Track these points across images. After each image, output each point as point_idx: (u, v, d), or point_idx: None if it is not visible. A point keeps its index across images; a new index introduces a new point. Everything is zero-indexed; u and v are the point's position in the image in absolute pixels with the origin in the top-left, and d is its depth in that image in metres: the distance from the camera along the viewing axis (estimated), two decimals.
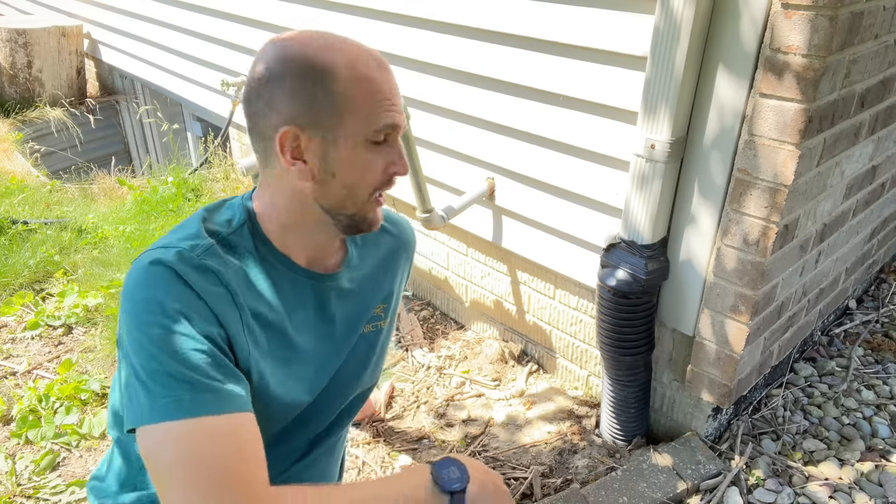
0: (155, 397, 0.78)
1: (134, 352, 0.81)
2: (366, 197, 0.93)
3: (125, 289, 0.84)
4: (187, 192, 3.75)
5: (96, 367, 2.33)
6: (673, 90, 1.44)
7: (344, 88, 0.87)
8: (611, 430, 1.92)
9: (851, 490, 1.67)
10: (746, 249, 1.51)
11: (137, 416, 0.78)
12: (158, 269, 0.83)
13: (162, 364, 0.79)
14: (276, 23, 2.84)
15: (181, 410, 0.77)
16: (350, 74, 0.87)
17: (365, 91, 0.88)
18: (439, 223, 2.08)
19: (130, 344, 0.81)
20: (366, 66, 0.88)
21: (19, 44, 4.74)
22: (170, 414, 0.77)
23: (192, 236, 0.90)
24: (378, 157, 0.91)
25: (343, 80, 0.87)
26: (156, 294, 0.82)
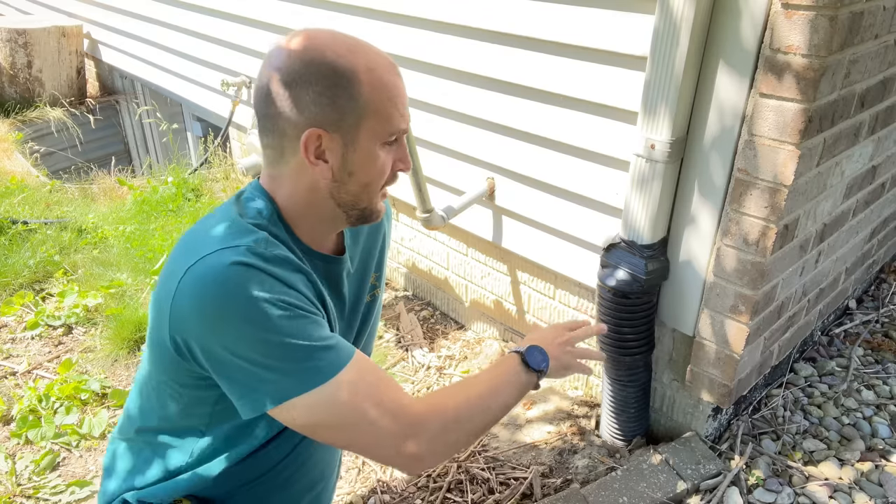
0: (302, 371, 0.88)
1: (250, 347, 0.88)
2: (377, 192, 1.01)
3: (206, 297, 0.88)
4: (187, 192, 3.75)
5: (96, 367, 2.33)
6: (673, 90, 1.44)
7: (365, 94, 0.93)
8: (611, 430, 1.92)
9: (851, 490, 1.67)
10: (746, 249, 1.51)
11: (282, 393, 0.88)
12: (242, 269, 0.88)
13: (291, 345, 0.88)
14: (276, 23, 2.84)
15: (333, 367, 0.90)
16: (370, 80, 0.93)
17: (384, 97, 0.94)
18: (439, 223, 2.08)
19: (242, 342, 0.88)
20: (385, 72, 0.95)
21: (19, 44, 4.74)
22: (325, 374, 0.89)
23: (244, 231, 0.95)
24: (388, 157, 0.99)
25: (364, 85, 0.92)
26: (251, 291, 0.87)
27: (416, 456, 0.93)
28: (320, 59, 0.91)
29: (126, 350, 2.40)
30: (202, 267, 0.88)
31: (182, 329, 0.91)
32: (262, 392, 0.89)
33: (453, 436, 0.97)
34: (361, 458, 1.93)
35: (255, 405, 0.90)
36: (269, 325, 0.87)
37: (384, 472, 1.88)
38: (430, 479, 1.83)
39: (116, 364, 2.35)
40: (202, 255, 0.90)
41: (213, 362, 0.91)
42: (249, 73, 3.25)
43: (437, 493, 1.78)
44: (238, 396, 0.92)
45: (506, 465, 1.87)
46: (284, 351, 0.88)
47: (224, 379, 0.92)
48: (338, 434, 0.93)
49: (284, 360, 0.88)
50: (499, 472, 1.84)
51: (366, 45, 0.95)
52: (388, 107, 0.94)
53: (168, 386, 1.02)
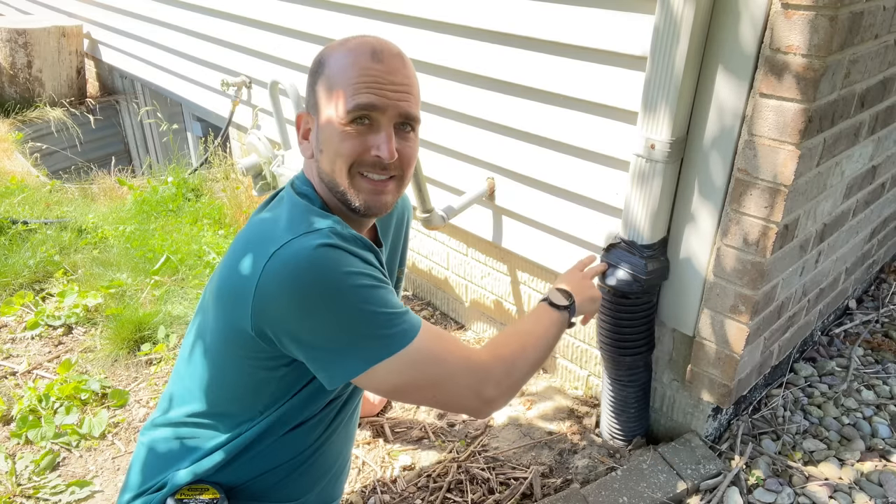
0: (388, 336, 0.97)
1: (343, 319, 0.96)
2: (346, 172, 1.04)
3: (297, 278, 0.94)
4: (187, 192, 3.76)
5: (96, 367, 2.33)
6: (673, 90, 1.44)
7: (329, 74, 1.02)
8: (611, 429, 1.92)
9: (851, 490, 1.67)
10: (746, 249, 1.51)
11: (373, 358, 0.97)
12: (329, 251, 0.96)
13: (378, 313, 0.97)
14: (276, 23, 2.84)
15: (413, 330, 1.00)
16: (337, 63, 1.02)
17: (346, 76, 1.01)
18: (439, 223, 2.08)
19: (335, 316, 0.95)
20: (355, 56, 1.02)
21: (19, 44, 4.74)
22: (408, 338, 0.99)
23: (319, 215, 1.04)
24: (357, 138, 1.03)
25: (330, 67, 1.03)
26: (342, 268, 0.96)
27: (491, 399, 1.06)
28: (319, 53, 1.05)
29: (126, 350, 2.40)
30: (289, 251, 0.95)
31: (269, 311, 0.97)
32: (354, 358, 0.97)
33: (515, 376, 1.10)
34: (361, 458, 1.93)
35: (345, 372, 0.98)
36: (359, 297, 0.96)
37: (384, 472, 1.88)
38: (430, 480, 1.83)
39: (116, 364, 2.35)
40: (286, 239, 0.96)
41: (304, 339, 0.98)
42: (249, 73, 3.26)
43: (437, 493, 1.78)
44: (326, 367, 1.00)
45: (506, 465, 1.87)
46: (373, 319, 0.97)
47: (313, 353, 0.99)
48: (422, 391, 1.03)
49: (374, 326, 0.97)
50: (499, 472, 1.84)
51: (368, 38, 1.04)
52: (346, 86, 1.00)
53: (239, 369, 1.07)
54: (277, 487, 1.17)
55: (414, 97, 1.07)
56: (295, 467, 1.17)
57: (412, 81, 1.07)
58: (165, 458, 1.16)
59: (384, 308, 0.98)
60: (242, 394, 1.10)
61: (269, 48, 2.99)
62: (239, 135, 3.67)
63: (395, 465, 1.90)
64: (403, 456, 1.93)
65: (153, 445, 1.18)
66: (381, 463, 1.91)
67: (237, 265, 1.00)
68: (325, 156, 1.05)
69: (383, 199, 1.08)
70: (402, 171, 1.08)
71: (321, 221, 1.01)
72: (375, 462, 1.91)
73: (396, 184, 1.09)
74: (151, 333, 2.46)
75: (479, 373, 1.04)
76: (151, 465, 1.17)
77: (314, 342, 0.98)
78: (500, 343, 1.13)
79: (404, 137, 1.07)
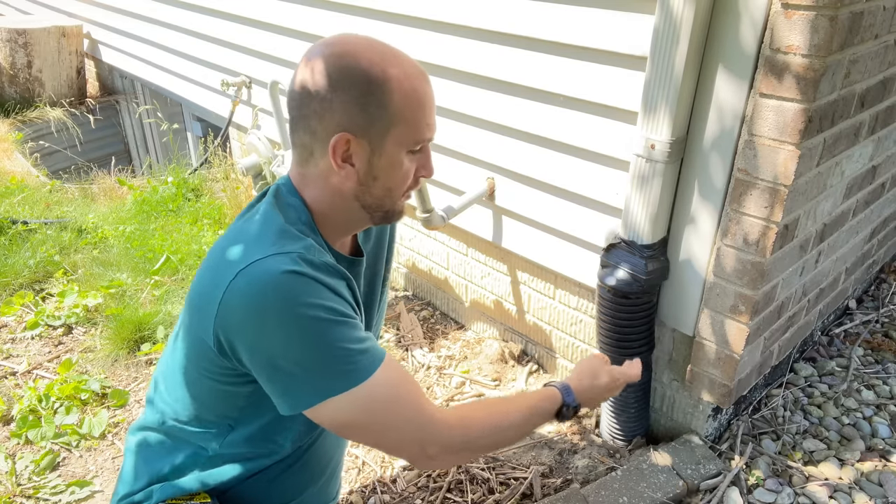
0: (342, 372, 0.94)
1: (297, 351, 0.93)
2: (400, 196, 1.05)
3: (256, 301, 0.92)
4: (187, 192, 3.75)
5: (96, 367, 2.33)
6: (673, 90, 1.44)
7: (396, 102, 0.96)
8: (611, 429, 1.92)
9: (851, 490, 1.67)
10: (746, 249, 1.51)
11: (326, 391, 0.94)
12: (294, 278, 0.92)
13: (335, 348, 0.94)
14: (276, 23, 2.84)
15: (369, 370, 0.95)
16: (401, 89, 0.96)
17: (414, 106, 0.97)
18: (439, 223, 2.08)
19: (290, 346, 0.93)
20: (416, 82, 0.98)
21: (19, 44, 4.74)
22: (362, 377, 0.95)
23: (293, 237, 0.99)
24: (413, 164, 1.03)
25: (395, 94, 0.95)
26: (303, 298, 0.92)
27: (435, 456, 1.01)
28: (355, 65, 0.94)
29: (126, 350, 2.40)
30: (255, 271, 0.92)
31: (228, 328, 0.95)
32: (304, 392, 0.94)
33: (471, 448, 1.05)
34: (361, 458, 1.93)
35: (295, 404, 0.96)
36: (316, 330, 0.92)
37: (384, 472, 1.88)
38: (430, 480, 1.83)
39: (116, 364, 2.35)
40: (254, 258, 0.93)
41: (258, 362, 0.95)
42: (249, 73, 3.26)
43: (437, 493, 1.78)
44: (279, 395, 0.97)
45: (506, 464, 1.87)
46: (329, 354, 0.93)
47: (266, 378, 0.96)
48: (367, 433, 0.99)
49: (328, 362, 0.93)
50: (499, 472, 1.84)
51: (400, 53, 0.99)
52: (416, 116, 0.98)
53: (203, 380, 1.05)
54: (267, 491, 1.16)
55: None
56: (283, 470, 1.16)
57: None
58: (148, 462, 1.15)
59: (342, 343, 0.94)
60: (211, 405, 1.09)
61: (269, 48, 2.99)
62: (239, 135, 3.67)
63: (394, 464, 1.90)
64: None
65: (136, 450, 1.18)
66: (381, 463, 1.91)
67: (207, 276, 0.99)
68: (380, 183, 1.02)
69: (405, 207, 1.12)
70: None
71: (292, 244, 0.97)
72: (375, 462, 1.91)
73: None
74: (151, 333, 2.46)
75: (432, 430, 1.00)
76: (135, 471, 1.16)
77: (268, 367, 0.95)
78: (476, 412, 1.08)
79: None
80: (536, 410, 1.12)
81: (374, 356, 0.97)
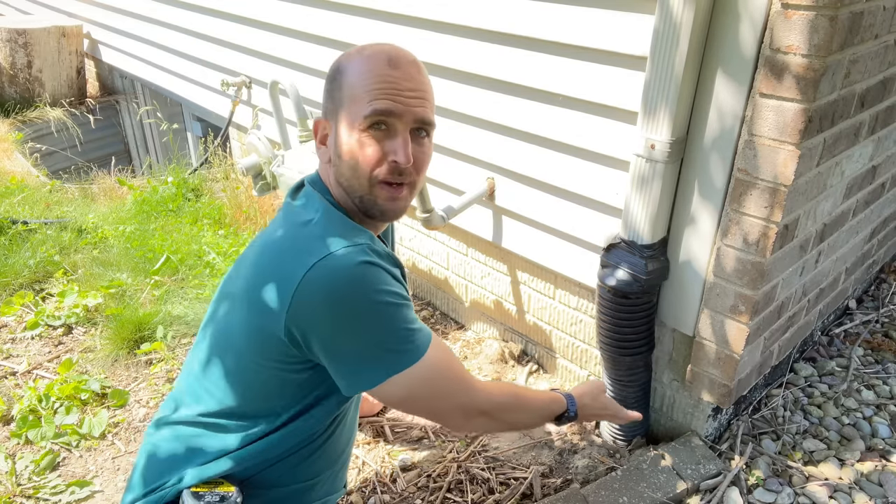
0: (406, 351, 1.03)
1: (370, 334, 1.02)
2: (366, 180, 1.06)
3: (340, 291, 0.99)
4: (187, 192, 3.75)
5: (96, 367, 2.33)
6: (673, 90, 1.44)
7: (347, 82, 1.04)
8: (611, 429, 1.92)
9: (851, 490, 1.67)
10: (746, 249, 1.51)
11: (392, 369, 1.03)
12: (369, 268, 1.01)
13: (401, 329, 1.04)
14: (276, 23, 2.84)
15: (425, 345, 1.06)
16: (355, 69, 1.04)
17: (363, 82, 1.03)
18: (439, 223, 2.08)
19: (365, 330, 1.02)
20: (371, 63, 1.04)
21: (19, 44, 4.74)
22: (420, 352, 1.05)
23: (356, 230, 1.08)
24: (376, 144, 1.05)
25: (348, 74, 1.05)
26: (378, 286, 1.01)
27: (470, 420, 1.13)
28: (335, 61, 1.08)
29: (126, 350, 2.40)
30: (332, 263, 0.99)
31: (304, 318, 1.00)
32: (374, 370, 1.03)
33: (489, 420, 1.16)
34: (361, 458, 1.93)
35: (366, 382, 1.05)
36: (389, 314, 1.02)
37: (384, 472, 1.88)
38: (430, 480, 1.83)
39: (116, 364, 2.35)
40: (327, 252, 1.00)
41: (333, 348, 1.03)
42: (249, 73, 3.25)
43: (437, 493, 1.78)
44: (348, 376, 1.06)
45: (506, 464, 1.87)
46: (397, 335, 1.03)
47: (339, 362, 1.04)
48: (423, 403, 1.10)
49: (396, 342, 1.03)
50: (499, 472, 1.84)
51: (382, 45, 1.07)
52: (363, 92, 1.03)
53: (262, 371, 1.09)
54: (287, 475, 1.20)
55: (429, 103, 1.11)
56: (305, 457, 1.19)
57: (427, 87, 1.11)
58: (171, 459, 1.15)
59: (406, 324, 1.04)
60: (264, 394, 1.12)
61: (269, 48, 2.99)
62: (239, 135, 3.67)
63: (395, 465, 1.90)
64: (403, 456, 1.93)
65: (159, 445, 1.19)
66: (382, 463, 1.91)
67: (272, 270, 1.04)
68: (343, 162, 1.07)
69: (398, 204, 1.10)
70: (416, 176, 1.10)
71: (359, 236, 1.05)
72: (375, 462, 1.91)
73: (409, 189, 1.11)
74: (151, 333, 2.46)
75: (474, 396, 1.13)
76: (157, 467, 1.16)
77: (341, 351, 1.03)
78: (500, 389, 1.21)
79: (419, 143, 1.09)
80: (548, 406, 1.26)
81: (426, 334, 1.08)
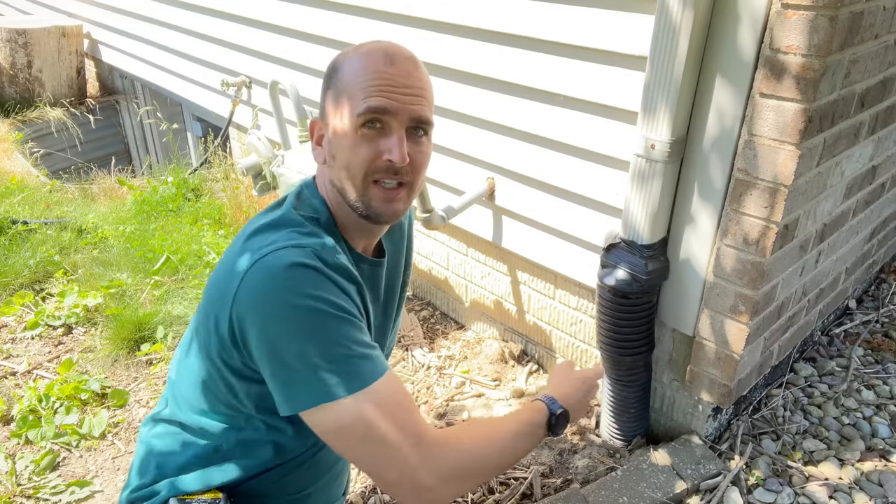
0: (344, 374, 0.90)
1: (299, 344, 0.90)
2: (360, 180, 1.00)
3: (266, 291, 0.92)
4: (187, 192, 3.76)
5: (96, 367, 2.33)
6: (673, 90, 1.44)
7: (341, 80, 1.00)
8: (611, 430, 1.92)
9: (851, 490, 1.67)
10: (746, 249, 1.51)
11: (319, 397, 0.90)
12: (303, 270, 0.92)
13: (338, 345, 0.91)
14: (276, 23, 2.84)
15: (369, 378, 0.91)
16: (351, 67, 1.00)
17: (357, 80, 0.99)
18: (439, 223, 2.08)
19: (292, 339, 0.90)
20: (367, 60, 0.99)
21: (19, 44, 4.74)
22: (361, 384, 0.90)
23: (309, 233, 1.00)
24: (369, 143, 0.99)
25: (343, 72, 1.01)
26: (309, 291, 0.91)
27: (427, 488, 0.92)
28: (333, 59, 1.04)
29: (126, 350, 2.40)
30: (268, 260, 0.93)
31: (241, 317, 0.95)
32: (303, 391, 0.91)
33: (466, 476, 0.96)
34: None
35: (294, 404, 0.93)
36: (318, 323, 0.91)
37: None
38: None
39: (116, 364, 2.35)
40: (270, 249, 0.95)
41: (262, 353, 0.94)
42: (249, 73, 3.25)
43: None
44: (279, 391, 0.95)
45: None
46: (329, 351, 0.91)
47: (269, 372, 0.95)
48: (357, 447, 0.92)
49: (328, 360, 0.90)
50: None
51: (379, 42, 1.02)
52: (357, 90, 0.98)
53: (216, 374, 1.05)
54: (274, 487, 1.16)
55: (427, 101, 1.05)
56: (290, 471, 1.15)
57: (425, 85, 1.06)
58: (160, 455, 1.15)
59: (344, 341, 0.91)
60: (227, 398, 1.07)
61: (269, 48, 2.99)
62: (239, 135, 3.67)
63: None
64: None
65: (149, 441, 1.19)
66: None
67: (223, 269, 1.00)
68: (337, 162, 1.02)
69: (394, 206, 1.03)
70: (413, 177, 1.03)
71: (308, 239, 0.97)
72: None
73: (407, 191, 1.04)
74: (151, 333, 2.46)
75: (427, 456, 0.92)
76: (147, 462, 1.16)
77: (271, 359, 0.93)
78: (468, 433, 1.02)
79: (417, 142, 1.03)
80: (525, 423, 1.06)
81: (378, 365, 0.94)
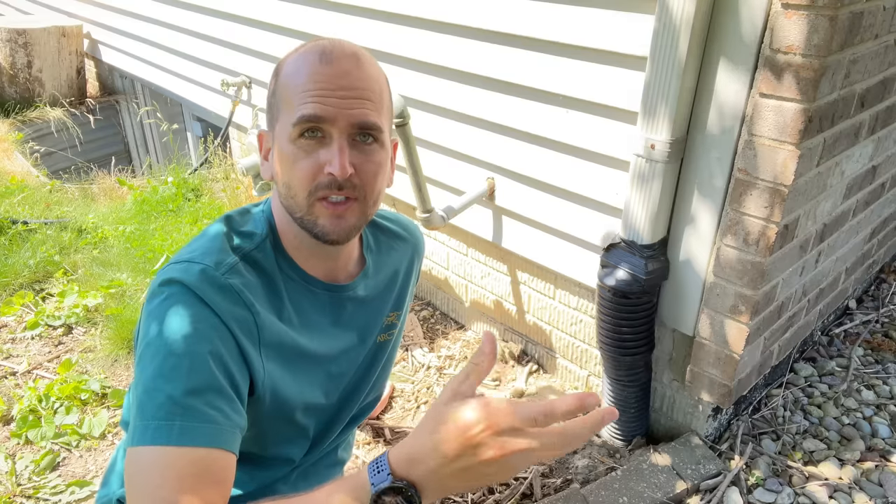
0: (148, 419, 0.75)
1: (141, 368, 0.79)
2: (304, 198, 0.87)
3: (146, 303, 0.84)
4: (187, 192, 3.75)
5: (96, 367, 2.33)
6: (673, 90, 1.44)
7: (280, 86, 0.88)
8: (611, 430, 1.92)
9: (851, 490, 1.67)
10: (746, 249, 1.51)
11: (134, 434, 0.76)
12: (178, 290, 0.82)
13: (165, 386, 0.77)
14: (276, 23, 2.84)
15: (170, 437, 0.74)
16: (288, 70, 0.87)
17: (291, 86, 0.86)
18: (439, 223, 2.08)
19: (139, 360, 0.80)
20: (304, 60, 0.86)
21: (19, 44, 4.74)
22: (157, 439, 0.74)
23: (216, 251, 0.88)
24: (308, 155, 0.86)
25: (281, 76, 0.88)
26: (173, 315, 0.80)
27: None
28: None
29: (126, 350, 2.40)
30: (157, 276, 0.86)
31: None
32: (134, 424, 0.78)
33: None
34: (361, 458, 1.93)
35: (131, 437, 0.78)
36: (155, 356, 0.79)
37: None
38: None
39: (116, 364, 2.35)
40: (172, 260, 0.87)
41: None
42: (249, 73, 3.25)
43: None
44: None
45: None
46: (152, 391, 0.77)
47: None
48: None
49: (148, 398, 0.77)
50: None
51: (321, 39, 0.89)
52: (292, 97, 0.85)
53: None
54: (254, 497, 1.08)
55: (372, 103, 0.87)
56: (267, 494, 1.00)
57: (370, 84, 0.87)
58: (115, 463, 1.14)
59: (175, 389, 0.76)
60: None
61: (269, 48, 2.99)
62: (239, 135, 3.67)
63: None
64: None
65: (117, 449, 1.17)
66: None
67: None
68: (280, 178, 0.89)
69: (343, 223, 0.88)
70: (362, 191, 0.88)
71: (210, 257, 0.86)
72: None
73: (360, 205, 0.89)
74: None
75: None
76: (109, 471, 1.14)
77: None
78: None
79: (363, 150, 0.87)
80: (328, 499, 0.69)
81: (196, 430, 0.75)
